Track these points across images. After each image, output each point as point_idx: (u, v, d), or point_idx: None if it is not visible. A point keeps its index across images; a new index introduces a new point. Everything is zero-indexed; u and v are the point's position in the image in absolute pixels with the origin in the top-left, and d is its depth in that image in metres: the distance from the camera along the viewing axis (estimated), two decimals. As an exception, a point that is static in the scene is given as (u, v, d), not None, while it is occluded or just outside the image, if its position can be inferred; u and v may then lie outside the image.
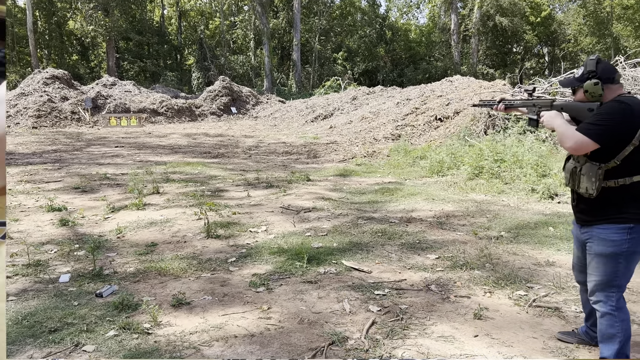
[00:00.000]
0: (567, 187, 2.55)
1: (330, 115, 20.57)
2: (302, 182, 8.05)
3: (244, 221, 5.57)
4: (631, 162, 2.26)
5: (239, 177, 8.64)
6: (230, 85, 25.70)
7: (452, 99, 16.04)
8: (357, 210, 6.16)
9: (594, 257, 2.41)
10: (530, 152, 8.30)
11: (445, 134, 12.81)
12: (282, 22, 38.62)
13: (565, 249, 4.57)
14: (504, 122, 11.42)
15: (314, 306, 3.33)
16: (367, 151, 11.78)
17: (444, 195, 7.07)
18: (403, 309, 3.26)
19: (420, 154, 10.44)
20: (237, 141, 14.75)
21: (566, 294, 3.51)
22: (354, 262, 4.20)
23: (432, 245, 4.69)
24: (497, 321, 3.07)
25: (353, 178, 8.78)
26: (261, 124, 21.15)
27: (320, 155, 12.06)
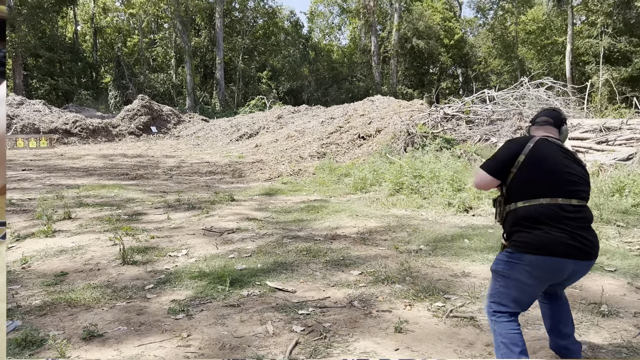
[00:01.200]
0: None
1: (256, 134, 20.49)
2: (226, 203, 7.90)
3: (163, 245, 5.35)
4: (512, 188, 2.52)
5: (158, 199, 8.32)
6: (150, 104, 24.88)
7: (374, 117, 16.58)
8: (282, 230, 6.13)
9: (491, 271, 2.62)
10: (446, 168, 8.72)
11: (368, 152, 13.18)
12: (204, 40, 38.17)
13: (480, 259, 4.81)
14: (422, 140, 11.94)
15: (236, 330, 3.24)
16: (293, 169, 11.83)
17: (367, 212, 7.22)
18: (327, 327, 3.26)
19: (345, 171, 10.64)
20: (158, 161, 14.26)
21: (480, 304, 3.68)
22: (278, 282, 4.16)
23: (355, 261, 4.76)
24: (416, 333, 3.15)
25: (279, 197, 8.76)
26: (183, 144, 20.63)
27: (246, 174, 11.94)
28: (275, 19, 41.65)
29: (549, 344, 2.82)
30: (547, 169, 2.47)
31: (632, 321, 3.36)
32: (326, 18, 47.31)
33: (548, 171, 2.46)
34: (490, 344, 3.02)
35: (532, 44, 38.66)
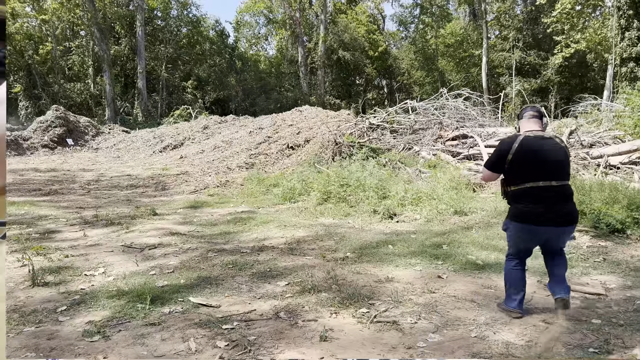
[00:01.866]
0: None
1: (181, 145, 19.92)
2: (148, 217, 7.59)
3: (78, 264, 5.03)
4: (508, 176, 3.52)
5: (74, 215, 7.84)
6: (65, 115, 23.48)
7: (302, 128, 16.68)
8: (207, 243, 5.97)
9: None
10: (372, 176, 8.92)
11: (297, 162, 13.22)
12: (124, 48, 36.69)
13: (403, 264, 4.94)
14: (349, 149, 12.16)
15: (157, 349, 3.10)
16: (220, 181, 11.61)
17: (296, 221, 7.22)
18: (252, 340, 3.20)
19: (274, 181, 10.59)
20: (74, 176, 13.46)
21: (403, 307, 3.78)
22: (202, 297, 4.04)
23: (282, 272, 4.73)
24: (341, 341, 3.17)
25: (205, 209, 8.55)
26: (103, 156, 19.64)
27: (170, 187, 11.56)
28: (199, 27, 40.90)
29: (548, 284, 3.71)
30: (530, 161, 3.35)
31: (540, 317, 3.58)
32: (252, 28, 47.18)
33: (531, 162, 3.35)
34: (412, 346, 3.10)
35: (451, 57, 40.72)
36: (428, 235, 6.19)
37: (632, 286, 4.27)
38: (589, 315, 3.63)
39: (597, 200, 6.31)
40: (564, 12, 27.49)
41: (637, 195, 6.29)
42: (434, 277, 4.51)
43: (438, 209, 7.31)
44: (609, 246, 5.51)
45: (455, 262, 4.98)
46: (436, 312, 3.69)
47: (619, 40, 23.06)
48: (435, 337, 3.24)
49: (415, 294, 4.09)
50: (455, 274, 4.64)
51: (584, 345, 3.12)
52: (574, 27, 28.74)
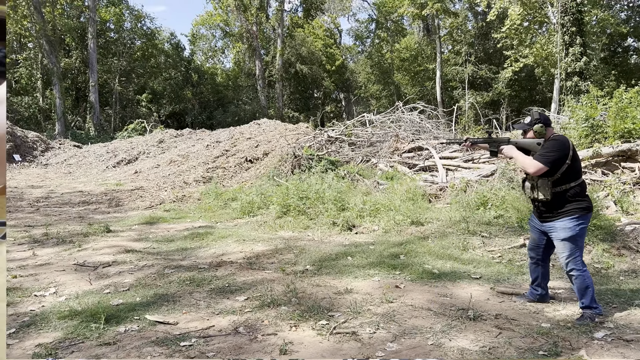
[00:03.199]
0: (529, 197, 3.91)
1: (135, 160, 19.47)
2: (101, 234, 7.37)
3: (27, 285, 4.83)
4: (566, 174, 3.66)
5: (22, 234, 7.51)
6: (12, 129, 22.54)
7: (261, 141, 16.65)
8: (164, 260, 5.86)
9: (561, 241, 3.72)
10: (331, 188, 8.99)
11: (256, 175, 13.17)
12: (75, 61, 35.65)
13: (361, 275, 5.00)
14: (308, 162, 12.22)
15: (112, 371, 3.01)
16: (177, 196, 11.41)
17: (255, 235, 7.19)
18: (210, 356, 3.16)
19: (232, 195, 10.49)
20: (22, 193, 12.91)
21: (362, 318, 3.82)
22: (159, 315, 3.95)
23: (241, 287, 4.69)
24: (301, 353, 3.18)
25: (161, 225, 8.37)
26: (53, 172, 18.92)
27: (124, 203, 11.26)
28: (154, 40, 40.26)
29: (528, 294, 4.21)
30: (578, 158, 3.74)
31: (493, 322, 3.70)
32: (209, 41, 46.88)
33: (579, 159, 3.76)
34: (370, 356, 3.14)
35: (407, 71, 41.72)
36: (386, 245, 6.29)
37: (578, 290, 4.48)
38: (539, 319, 3.78)
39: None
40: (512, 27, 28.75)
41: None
42: (392, 287, 4.58)
43: (395, 220, 7.45)
44: (556, 252, 5.75)
45: (412, 272, 5.08)
46: (394, 321, 3.75)
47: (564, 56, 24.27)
48: (393, 346, 3.29)
49: (374, 304, 4.15)
50: (412, 284, 4.73)
51: (534, 348, 3.24)
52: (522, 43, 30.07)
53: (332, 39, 46.50)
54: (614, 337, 3.39)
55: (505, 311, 3.94)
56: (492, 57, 36.86)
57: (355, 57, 50.60)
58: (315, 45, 41.35)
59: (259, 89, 39.67)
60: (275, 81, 40.16)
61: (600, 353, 3.15)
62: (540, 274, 4.06)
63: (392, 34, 43.25)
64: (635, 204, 7.58)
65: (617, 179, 8.27)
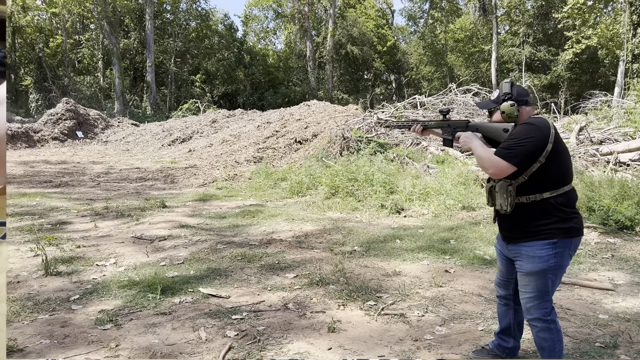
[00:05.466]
0: (488, 205, 2.64)
1: (189, 139, 20.01)
2: (157, 210, 7.67)
3: (89, 255, 5.11)
4: (539, 179, 2.36)
5: (85, 207, 7.93)
6: (75, 107, 23.65)
7: (310, 122, 16.70)
8: (216, 235, 6.03)
9: (525, 275, 2.47)
10: (380, 171, 8.93)
11: (305, 156, 13.25)
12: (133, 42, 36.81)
13: (410, 259, 4.97)
14: (357, 144, 12.17)
15: (168, 338, 3.16)
16: (229, 174, 11.67)
17: (303, 215, 7.27)
18: (260, 330, 3.25)
19: (282, 175, 10.63)
20: (84, 168, 13.59)
21: (410, 301, 3.81)
22: (212, 288, 4.09)
23: (290, 264, 4.77)
24: (349, 332, 3.21)
25: (213, 202, 8.61)
26: (112, 149, 19.78)
27: (178, 180, 11.64)
28: (208, 21, 40.92)
29: (492, 346, 2.89)
30: (566, 154, 2.46)
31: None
32: (261, 22, 47.12)
33: (567, 156, 2.47)
34: (419, 339, 3.13)
35: (461, 52, 40.47)
36: (436, 230, 6.21)
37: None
38: (596, 310, 3.64)
39: (606, 197, 6.29)
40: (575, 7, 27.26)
41: (647, 193, 6.26)
42: (442, 272, 4.53)
43: (446, 204, 7.32)
44: (617, 243, 5.50)
45: (462, 257, 5.00)
46: (443, 305, 3.72)
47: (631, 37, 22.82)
48: (442, 330, 3.27)
49: (423, 287, 4.12)
50: (462, 269, 4.66)
51: (590, 339, 3.13)
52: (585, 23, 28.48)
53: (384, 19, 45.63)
54: (679, 333, 3.22)
55: (560, 300, 3.82)
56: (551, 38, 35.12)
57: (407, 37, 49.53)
58: (366, 26, 40.74)
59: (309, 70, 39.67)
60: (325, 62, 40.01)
61: (662, 349, 3.01)
62: (514, 320, 2.80)
63: (446, 14, 41.93)
64: None
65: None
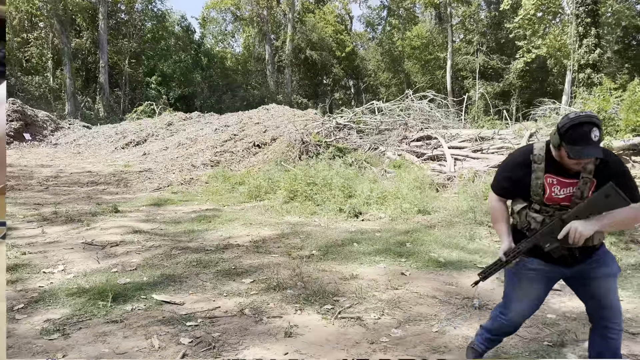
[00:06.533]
0: (576, 245, 2.19)
1: (144, 142, 19.51)
2: (110, 214, 7.42)
3: (36, 262, 4.88)
4: None
5: (31, 212, 7.58)
6: (22, 108, 22.62)
7: (269, 126, 16.63)
8: (171, 241, 5.89)
9: (614, 277, 2.31)
10: (338, 175, 8.99)
11: (264, 160, 13.17)
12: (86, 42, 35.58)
13: (367, 262, 5.01)
14: (316, 148, 12.21)
15: (119, 347, 3.06)
16: (185, 178, 11.45)
17: (261, 220, 7.21)
18: (215, 337, 3.19)
19: (239, 179, 10.52)
20: (31, 172, 13.00)
21: (367, 304, 3.84)
22: (166, 295, 3.99)
23: (247, 269, 4.72)
24: (306, 337, 3.20)
25: (168, 207, 8.42)
26: (62, 152, 19.02)
27: (132, 184, 11.32)
28: (164, 23, 40.13)
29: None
30: None
31: (498, 311, 3.70)
32: (219, 25, 46.65)
33: None
34: (375, 341, 3.16)
35: (417, 59, 41.35)
36: (392, 233, 6.29)
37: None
38: (545, 310, 3.77)
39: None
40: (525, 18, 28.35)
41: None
42: (398, 274, 4.59)
43: (402, 208, 7.44)
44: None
45: (418, 260, 5.08)
46: (399, 308, 3.76)
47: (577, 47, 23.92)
48: (398, 332, 3.31)
49: (379, 290, 4.16)
50: (418, 271, 4.74)
51: (539, 338, 3.24)
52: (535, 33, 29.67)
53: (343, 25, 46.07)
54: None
55: (511, 301, 3.94)
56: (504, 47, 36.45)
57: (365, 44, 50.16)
58: (325, 31, 41.00)
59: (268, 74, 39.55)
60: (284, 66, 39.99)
61: (605, 345, 3.14)
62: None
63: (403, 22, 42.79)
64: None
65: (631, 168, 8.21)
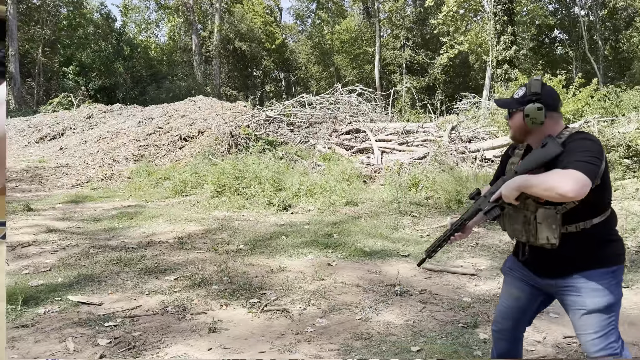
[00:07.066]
0: (520, 240, 2.08)
1: (61, 135, 18.36)
2: (21, 213, 6.93)
3: None
4: (592, 202, 1.89)
5: None
6: None
7: (196, 118, 16.20)
8: (89, 239, 5.62)
9: (587, 313, 1.96)
10: (268, 169, 8.95)
11: (191, 154, 12.84)
12: (-6, 27, 32.86)
13: (295, 254, 5.05)
14: (245, 141, 12.07)
15: (29, 352, 2.88)
16: (105, 174, 10.92)
17: (187, 215, 7.04)
18: (136, 336, 3.09)
19: (164, 174, 10.20)
20: None
21: (293, 295, 3.86)
22: (83, 295, 3.80)
23: (171, 266, 4.60)
24: (230, 331, 3.18)
25: (87, 204, 8.00)
26: (-32, 147, 17.49)
27: (47, 180, 10.64)
28: (82, 9, 37.83)
29: None
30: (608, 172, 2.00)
31: (418, 297, 3.87)
32: (142, 13, 44.71)
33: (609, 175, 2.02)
34: (300, 332, 3.19)
35: (347, 53, 41.83)
36: (320, 225, 6.36)
37: (498, 267, 4.75)
38: (461, 294, 3.98)
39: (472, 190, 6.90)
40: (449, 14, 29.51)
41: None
42: (324, 265, 4.66)
43: (331, 200, 7.54)
44: (481, 232, 6.07)
45: (344, 250, 5.18)
46: (324, 297, 3.82)
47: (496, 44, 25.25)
48: (323, 322, 3.36)
49: (306, 282, 4.20)
50: (344, 261, 4.83)
51: (454, 321, 3.42)
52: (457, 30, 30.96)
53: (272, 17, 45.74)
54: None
55: (430, 287, 4.12)
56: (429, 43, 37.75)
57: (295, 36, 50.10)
58: (254, 23, 40.49)
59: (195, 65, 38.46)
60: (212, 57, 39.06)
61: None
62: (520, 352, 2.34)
63: (332, 15, 43.15)
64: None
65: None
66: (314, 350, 2.94)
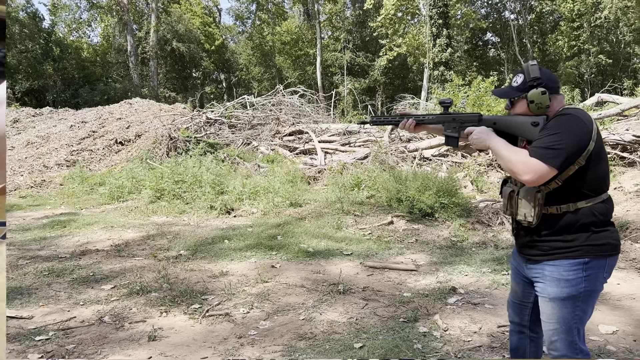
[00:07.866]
0: (505, 214, 2.11)
1: (-15, 141, 17.21)
2: (-60, 225, 6.44)
3: None
4: (575, 184, 1.87)
5: None
6: None
7: (133, 121, 15.66)
8: (17, 250, 5.29)
9: (548, 301, 1.97)
10: (209, 172, 8.78)
11: (127, 158, 12.40)
12: None
13: (238, 258, 4.99)
14: (185, 144, 11.80)
15: (-51, 376, 2.67)
16: (35, 181, 10.35)
17: (124, 222, 6.79)
18: (70, 349, 2.94)
19: (100, 180, 9.80)
20: None
21: (236, 299, 3.82)
22: (11, 310, 3.58)
23: (108, 275, 4.42)
24: (171, 339, 3.10)
25: (15, 213, 7.54)
26: None
27: (-30, 189, 9.93)
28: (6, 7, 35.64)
29: None
30: (605, 155, 1.95)
31: (361, 295, 3.93)
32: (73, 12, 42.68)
33: (606, 157, 1.96)
34: (243, 335, 3.16)
35: (288, 54, 41.85)
36: (264, 227, 6.33)
37: (437, 262, 4.92)
38: (402, 289, 4.09)
39: (411, 189, 7.09)
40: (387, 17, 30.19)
41: (443, 184, 7.23)
42: (268, 267, 4.64)
43: (274, 202, 7.51)
44: (420, 228, 6.25)
45: (288, 252, 5.18)
46: (268, 300, 3.80)
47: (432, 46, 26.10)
48: (266, 324, 3.34)
49: (249, 285, 4.16)
50: (288, 263, 4.83)
51: (396, 316, 3.50)
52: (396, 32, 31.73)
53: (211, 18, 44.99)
54: (464, 302, 3.78)
55: (373, 284, 4.20)
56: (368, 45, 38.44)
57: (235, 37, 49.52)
58: (192, 23, 39.69)
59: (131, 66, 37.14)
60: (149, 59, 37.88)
61: (452, 316, 3.50)
62: (529, 349, 2.25)
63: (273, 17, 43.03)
64: (489, 184, 8.48)
65: (473, 161, 9.18)
66: (257, 353, 2.92)
